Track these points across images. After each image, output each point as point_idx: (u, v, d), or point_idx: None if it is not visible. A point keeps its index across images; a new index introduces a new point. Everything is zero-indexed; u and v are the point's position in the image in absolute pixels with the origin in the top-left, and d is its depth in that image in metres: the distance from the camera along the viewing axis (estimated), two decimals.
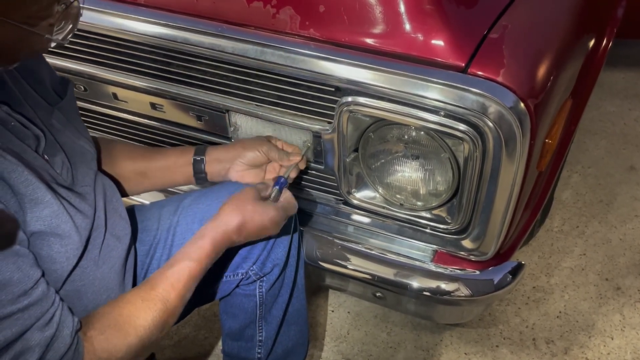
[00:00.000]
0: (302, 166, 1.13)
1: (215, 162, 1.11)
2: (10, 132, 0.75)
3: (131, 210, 1.11)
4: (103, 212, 0.90)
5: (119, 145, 1.11)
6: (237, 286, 1.18)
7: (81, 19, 0.75)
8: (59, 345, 0.72)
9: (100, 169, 0.99)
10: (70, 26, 0.72)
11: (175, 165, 1.11)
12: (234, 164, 1.10)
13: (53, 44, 0.72)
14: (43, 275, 0.75)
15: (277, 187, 1.06)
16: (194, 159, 1.11)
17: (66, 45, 0.89)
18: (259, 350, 1.24)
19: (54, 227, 0.76)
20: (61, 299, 0.77)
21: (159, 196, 1.33)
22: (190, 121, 1.21)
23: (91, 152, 0.93)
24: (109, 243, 0.90)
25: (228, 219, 0.95)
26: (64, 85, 0.92)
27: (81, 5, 0.73)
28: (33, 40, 0.69)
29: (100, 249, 0.87)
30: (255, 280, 1.17)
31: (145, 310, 0.82)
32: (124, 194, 1.10)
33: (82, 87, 1.27)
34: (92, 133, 1.38)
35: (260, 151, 1.10)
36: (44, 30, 0.68)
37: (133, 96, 1.23)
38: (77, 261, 0.82)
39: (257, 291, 1.18)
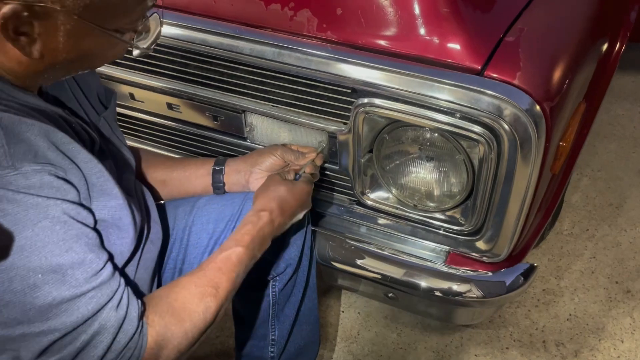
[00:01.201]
0: (319, 162, 1.14)
1: (234, 172, 1.13)
2: (74, 131, 0.78)
3: None
4: (145, 217, 0.92)
5: (143, 153, 1.14)
6: (250, 285, 1.19)
7: None
8: (127, 327, 0.74)
9: None
10: (154, 37, 0.79)
11: (195, 175, 1.13)
12: (252, 172, 1.12)
13: (136, 52, 0.79)
14: (110, 257, 0.77)
15: None
16: (214, 169, 1.13)
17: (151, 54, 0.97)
18: (272, 349, 1.25)
19: (116, 219, 0.78)
20: (125, 281, 0.79)
21: None
22: (207, 121, 1.22)
23: (132, 160, 0.95)
24: (146, 247, 0.92)
25: (266, 204, 1.00)
26: (108, 95, 0.96)
27: (161, 19, 0.81)
28: (119, 48, 0.76)
29: (141, 251, 0.90)
30: (268, 280, 1.18)
31: (198, 296, 0.83)
32: None
33: None
34: None
35: (275, 155, 1.11)
36: (128, 39, 0.75)
37: (150, 96, 1.24)
38: (126, 260, 0.84)
39: (270, 290, 1.20)
